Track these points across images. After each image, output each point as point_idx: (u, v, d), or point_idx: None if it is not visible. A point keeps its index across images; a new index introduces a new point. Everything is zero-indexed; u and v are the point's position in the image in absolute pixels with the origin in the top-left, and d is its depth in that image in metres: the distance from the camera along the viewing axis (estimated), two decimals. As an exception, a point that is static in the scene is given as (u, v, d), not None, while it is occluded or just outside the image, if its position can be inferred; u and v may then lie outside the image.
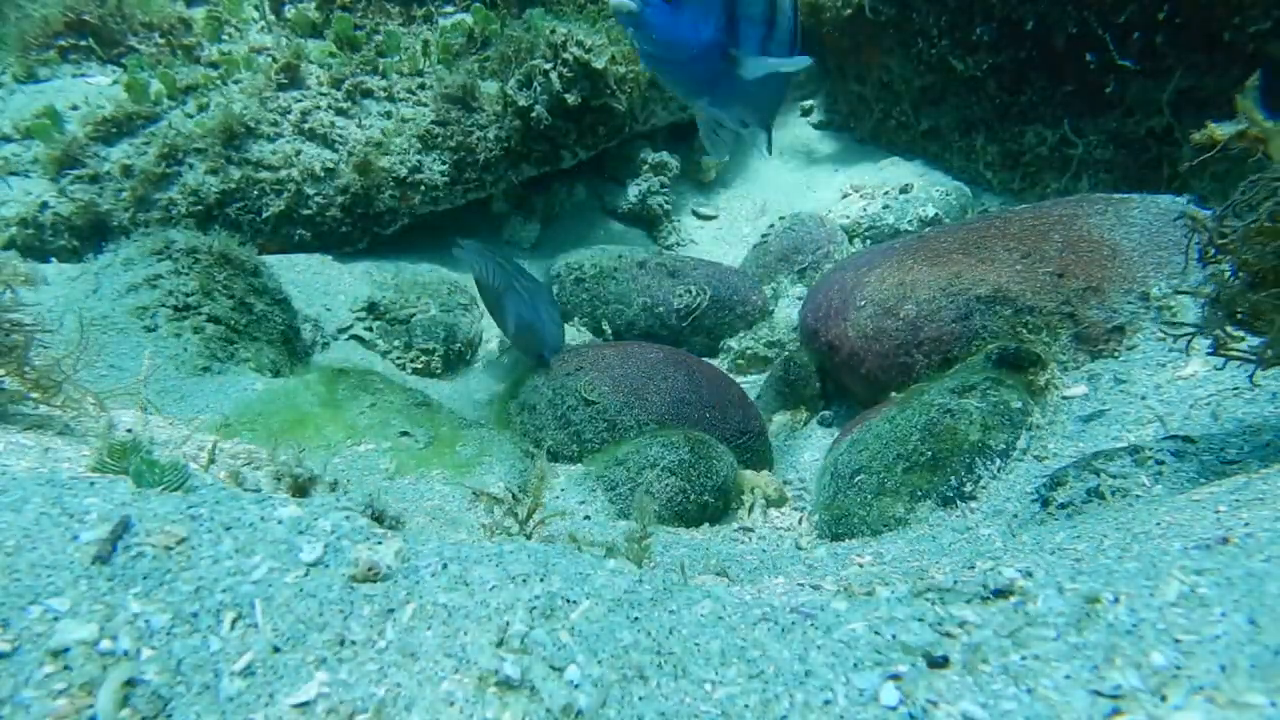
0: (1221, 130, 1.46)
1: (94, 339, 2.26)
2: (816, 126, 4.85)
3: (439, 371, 3.35)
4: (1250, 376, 1.48)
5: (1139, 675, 0.85)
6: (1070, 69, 3.59)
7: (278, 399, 2.22)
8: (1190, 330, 1.51)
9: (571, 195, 4.18)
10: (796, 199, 4.38)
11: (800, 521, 2.23)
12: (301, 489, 1.39)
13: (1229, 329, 1.43)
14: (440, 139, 3.57)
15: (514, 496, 1.44)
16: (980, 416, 2.01)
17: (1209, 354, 1.48)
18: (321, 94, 3.62)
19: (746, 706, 0.88)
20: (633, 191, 4.20)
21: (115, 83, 3.61)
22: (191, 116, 3.52)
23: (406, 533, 1.17)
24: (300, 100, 3.58)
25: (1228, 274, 1.41)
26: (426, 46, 3.78)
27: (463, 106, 3.60)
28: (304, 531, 1.07)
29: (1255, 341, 1.43)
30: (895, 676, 0.89)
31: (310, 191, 3.50)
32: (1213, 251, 1.43)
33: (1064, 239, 2.46)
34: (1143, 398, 2.02)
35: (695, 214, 4.44)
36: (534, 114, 3.54)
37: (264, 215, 3.48)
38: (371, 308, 3.40)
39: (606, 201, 4.28)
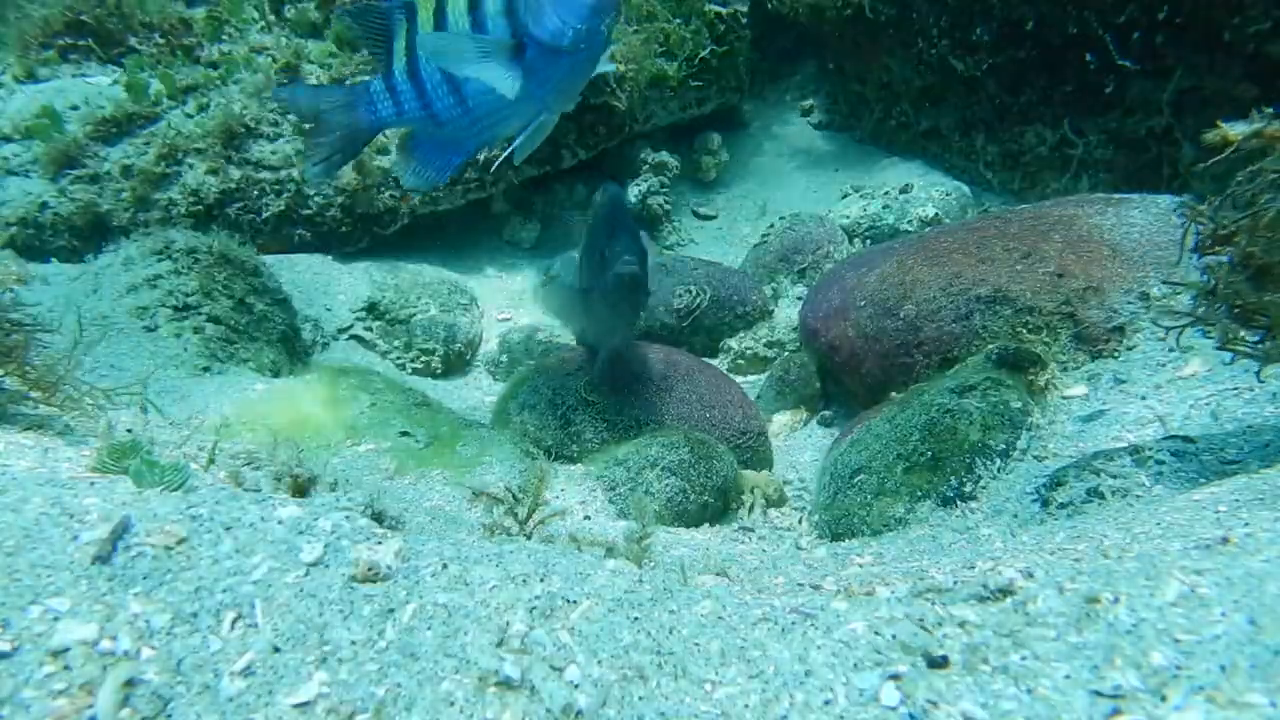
0: (1235, 130, 1.42)
1: (93, 339, 2.25)
2: (816, 126, 4.85)
3: (439, 371, 3.35)
4: (1258, 373, 1.46)
5: (1139, 675, 0.85)
6: (1070, 69, 3.59)
7: (278, 399, 2.22)
8: (1188, 321, 1.49)
9: (571, 195, 4.18)
10: (796, 199, 4.38)
11: (800, 521, 2.23)
12: (301, 489, 1.39)
13: (1228, 322, 1.41)
14: (440, 139, 3.57)
15: (514, 496, 1.44)
16: (980, 416, 2.01)
17: (1215, 349, 1.46)
18: (321, 94, 3.62)
19: (746, 706, 0.88)
20: (633, 191, 4.20)
21: (115, 83, 3.60)
22: (191, 116, 3.51)
23: (406, 533, 1.17)
24: (300, 100, 3.58)
25: (1226, 266, 1.40)
26: (426, 46, 3.77)
27: (463, 106, 3.60)
28: (304, 532, 1.07)
29: (1256, 338, 1.41)
30: (895, 676, 0.89)
31: (310, 191, 3.50)
32: (1210, 243, 1.41)
33: (1064, 239, 2.46)
34: (1143, 398, 2.02)
35: (695, 214, 4.44)
36: (534, 114, 3.54)
37: (264, 215, 3.48)
38: (371, 308, 3.40)
39: (607, 201, 4.28)
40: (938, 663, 0.90)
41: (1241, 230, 1.35)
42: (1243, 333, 1.41)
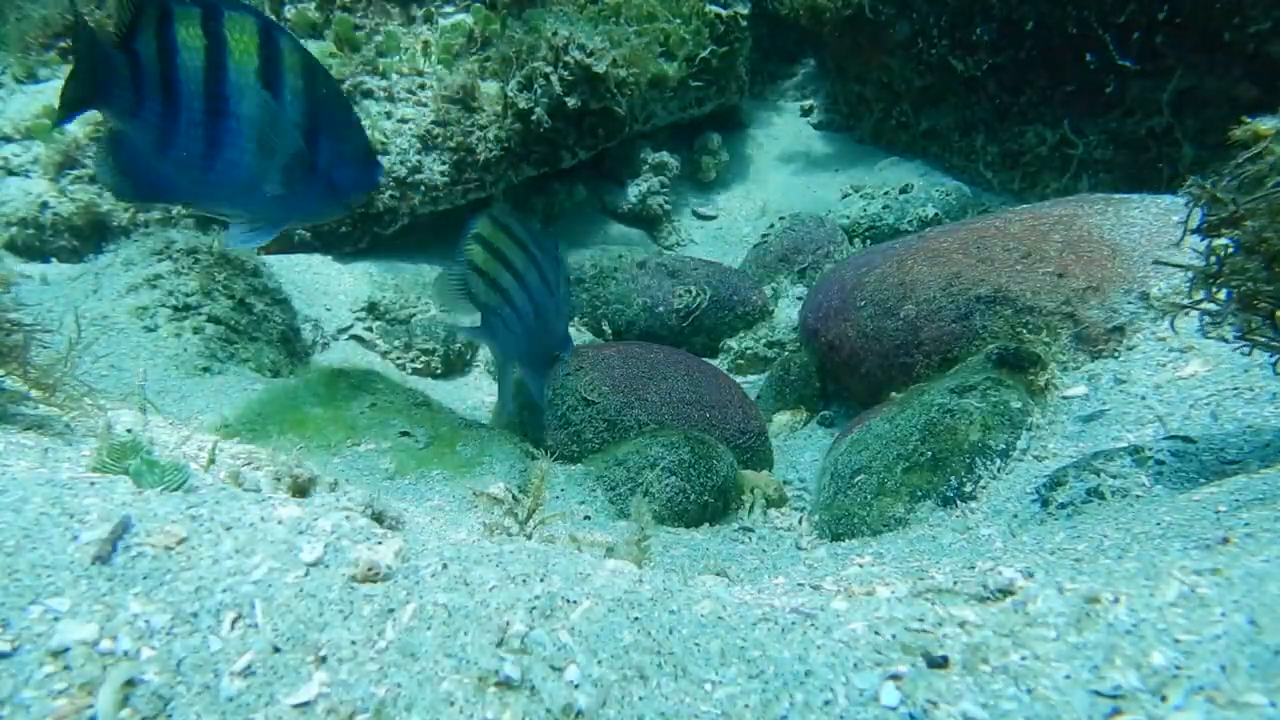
0: (1266, 125, 1.37)
1: (94, 339, 2.25)
2: (816, 126, 4.85)
3: (439, 371, 3.35)
4: (1274, 365, 1.41)
5: (1139, 675, 0.85)
6: (1070, 69, 3.59)
7: (278, 399, 2.22)
8: (1190, 304, 1.42)
9: (572, 195, 4.18)
10: (796, 199, 4.38)
11: (800, 521, 2.23)
12: (302, 489, 1.39)
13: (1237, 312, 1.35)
14: (440, 139, 3.57)
15: (514, 497, 1.44)
16: (980, 416, 2.01)
17: (1235, 337, 1.40)
18: (321, 94, 3.62)
19: (746, 706, 0.88)
20: (633, 192, 4.20)
21: (115, 83, 3.60)
22: (191, 117, 3.51)
23: (406, 533, 1.17)
24: (300, 100, 3.58)
25: (1230, 249, 1.35)
26: (427, 47, 3.77)
27: (463, 106, 3.60)
28: (304, 531, 1.07)
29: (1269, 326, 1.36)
30: (895, 676, 0.89)
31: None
32: (1217, 225, 1.35)
33: (1064, 239, 2.46)
34: (1143, 398, 2.02)
35: (695, 214, 4.44)
36: (534, 117, 3.54)
37: (264, 215, 3.47)
38: (371, 308, 3.40)
39: (607, 202, 4.28)
40: (938, 663, 0.90)
41: (1256, 213, 1.29)
42: (1255, 322, 1.36)
